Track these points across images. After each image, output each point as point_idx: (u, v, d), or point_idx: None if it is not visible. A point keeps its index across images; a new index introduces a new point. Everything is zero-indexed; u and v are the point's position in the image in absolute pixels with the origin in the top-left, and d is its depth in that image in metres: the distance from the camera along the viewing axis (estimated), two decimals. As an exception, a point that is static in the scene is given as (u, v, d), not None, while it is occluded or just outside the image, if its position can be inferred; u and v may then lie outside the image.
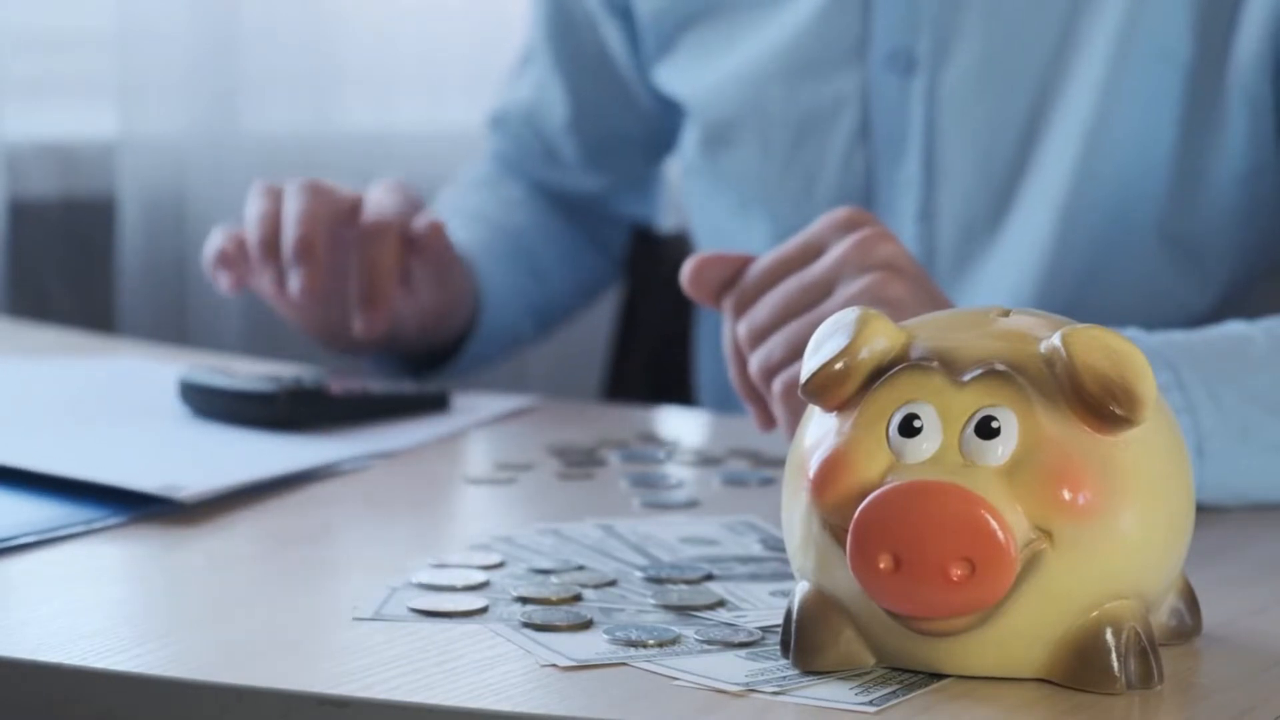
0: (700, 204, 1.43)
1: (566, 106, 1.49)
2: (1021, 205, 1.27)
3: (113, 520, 0.91)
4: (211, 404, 1.13)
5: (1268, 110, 1.22)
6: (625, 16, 1.44)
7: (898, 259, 0.97)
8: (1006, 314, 0.73)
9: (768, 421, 1.00)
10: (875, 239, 0.97)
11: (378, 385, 1.18)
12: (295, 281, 1.20)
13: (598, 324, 1.78)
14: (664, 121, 1.47)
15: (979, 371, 0.69)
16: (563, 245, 1.51)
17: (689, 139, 1.42)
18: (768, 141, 1.35)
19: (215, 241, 1.24)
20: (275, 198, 1.23)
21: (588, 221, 1.54)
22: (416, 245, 1.25)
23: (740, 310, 0.99)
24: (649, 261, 1.56)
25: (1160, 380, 0.95)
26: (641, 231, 1.56)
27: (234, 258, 1.24)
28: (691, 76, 1.40)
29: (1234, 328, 1.03)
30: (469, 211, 1.47)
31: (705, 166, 1.41)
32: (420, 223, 1.25)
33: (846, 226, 0.98)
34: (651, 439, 1.12)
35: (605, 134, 1.50)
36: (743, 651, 0.73)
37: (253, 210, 1.24)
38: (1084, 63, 1.25)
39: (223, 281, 1.24)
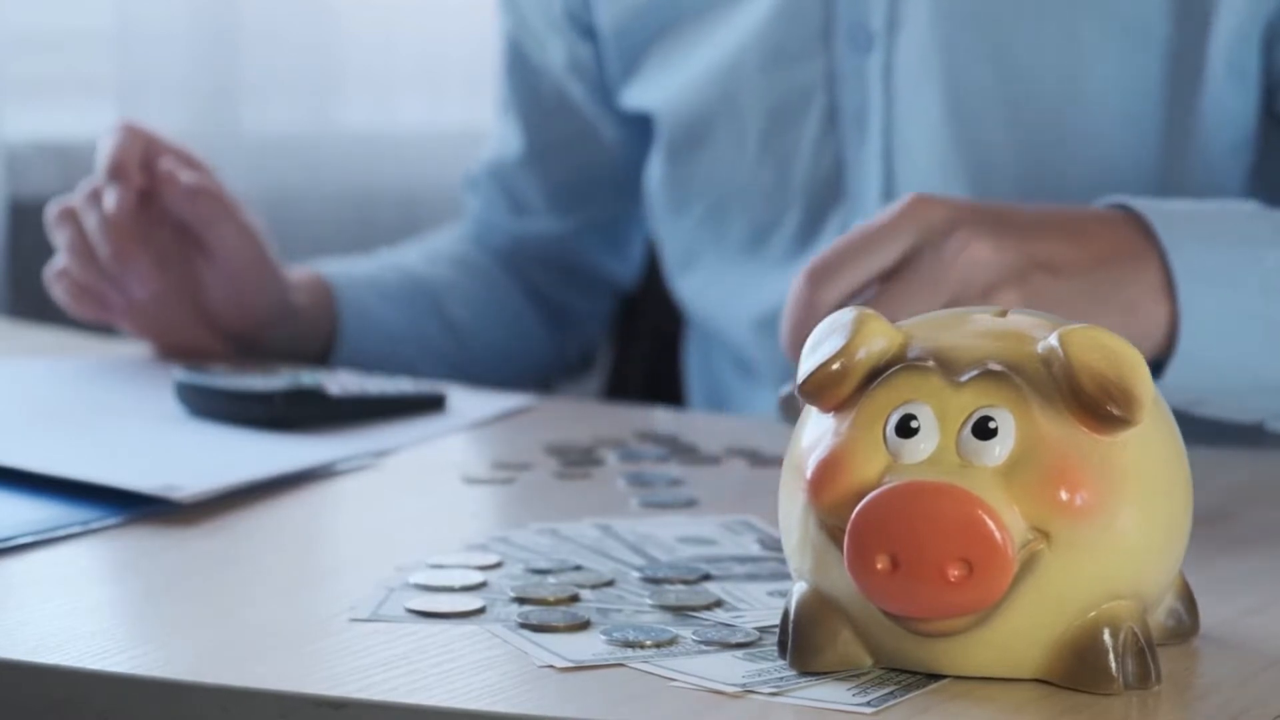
0: (668, 230, 1.42)
1: (522, 142, 1.48)
2: (986, 183, 1.26)
3: (110, 521, 0.91)
4: (208, 404, 1.13)
5: (1255, 80, 1.22)
6: (591, 36, 1.43)
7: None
8: (1004, 314, 0.73)
9: None
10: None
11: (375, 385, 1.18)
12: (110, 199, 1.25)
13: (597, 323, 1.78)
14: (631, 152, 1.45)
15: (976, 372, 0.69)
16: (487, 308, 1.48)
17: (656, 159, 1.41)
18: (741, 135, 1.34)
19: (55, 283, 1.31)
20: (73, 219, 1.29)
21: (556, 285, 1.51)
22: (156, 183, 1.28)
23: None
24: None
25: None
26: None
27: (75, 288, 1.30)
28: (660, 84, 1.38)
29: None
30: (387, 258, 1.48)
31: (673, 180, 1.39)
32: (164, 165, 1.28)
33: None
34: (649, 438, 1.12)
35: (567, 171, 1.48)
36: (740, 652, 0.73)
37: (60, 240, 1.30)
38: (1049, 37, 1.23)
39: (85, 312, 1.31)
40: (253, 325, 1.32)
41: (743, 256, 1.36)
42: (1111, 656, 0.69)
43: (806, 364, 0.71)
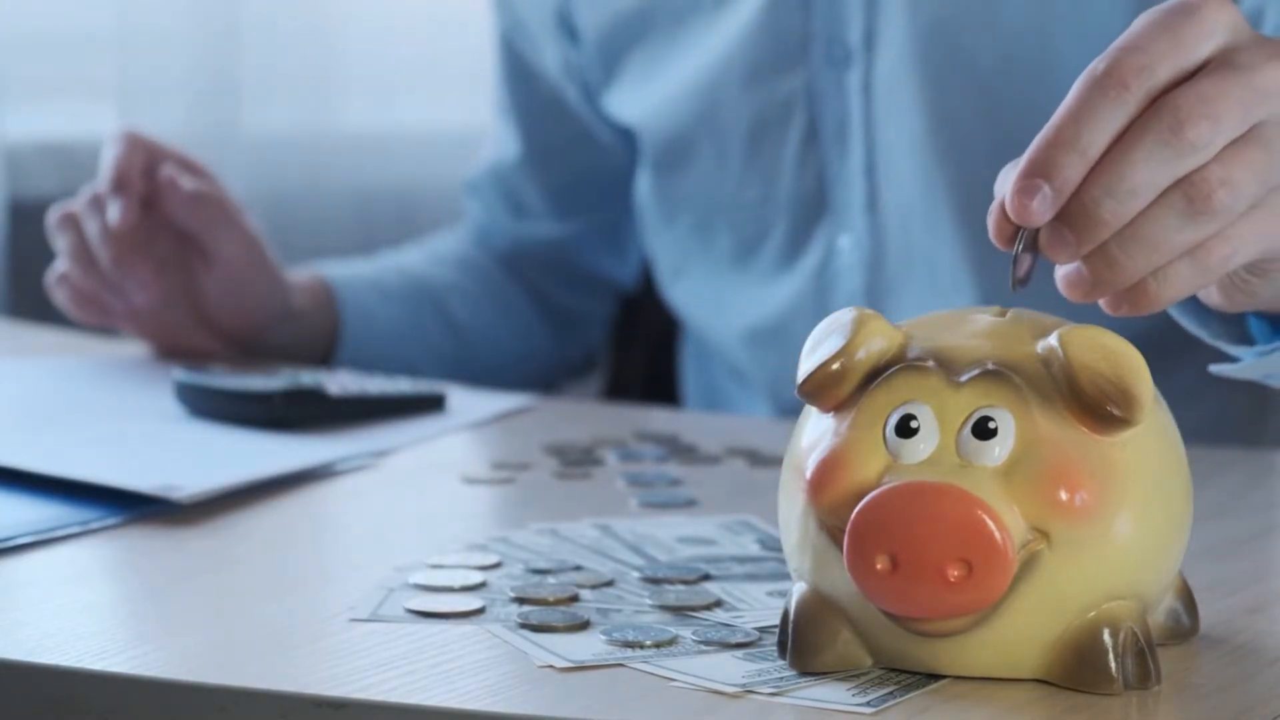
0: (658, 241, 1.42)
1: (520, 145, 1.48)
2: (970, 194, 1.25)
3: (110, 521, 0.91)
4: (208, 404, 1.13)
5: None
6: (577, 40, 1.43)
7: None
8: (1004, 314, 0.73)
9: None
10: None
11: (375, 385, 1.18)
12: (114, 209, 1.25)
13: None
14: (628, 156, 1.45)
15: (976, 372, 0.69)
16: (489, 310, 1.48)
17: (643, 173, 1.41)
18: (724, 152, 1.34)
19: (56, 289, 1.31)
20: (74, 224, 1.29)
21: (557, 287, 1.51)
22: (157, 190, 1.28)
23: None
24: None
25: None
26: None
27: (76, 293, 1.30)
28: (641, 97, 1.38)
29: None
30: (389, 260, 1.48)
31: (660, 194, 1.39)
32: (165, 172, 1.28)
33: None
34: (649, 438, 1.12)
35: (566, 173, 1.48)
36: (740, 652, 0.73)
37: (61, 245, 1.30)
38: (1023, 47, 1.23)
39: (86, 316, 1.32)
40: (253, 329, 1.32)
41: (731, 269, 1.36)
42: (1111, 656, 0.69)
43: (806, 364, 0.71)
